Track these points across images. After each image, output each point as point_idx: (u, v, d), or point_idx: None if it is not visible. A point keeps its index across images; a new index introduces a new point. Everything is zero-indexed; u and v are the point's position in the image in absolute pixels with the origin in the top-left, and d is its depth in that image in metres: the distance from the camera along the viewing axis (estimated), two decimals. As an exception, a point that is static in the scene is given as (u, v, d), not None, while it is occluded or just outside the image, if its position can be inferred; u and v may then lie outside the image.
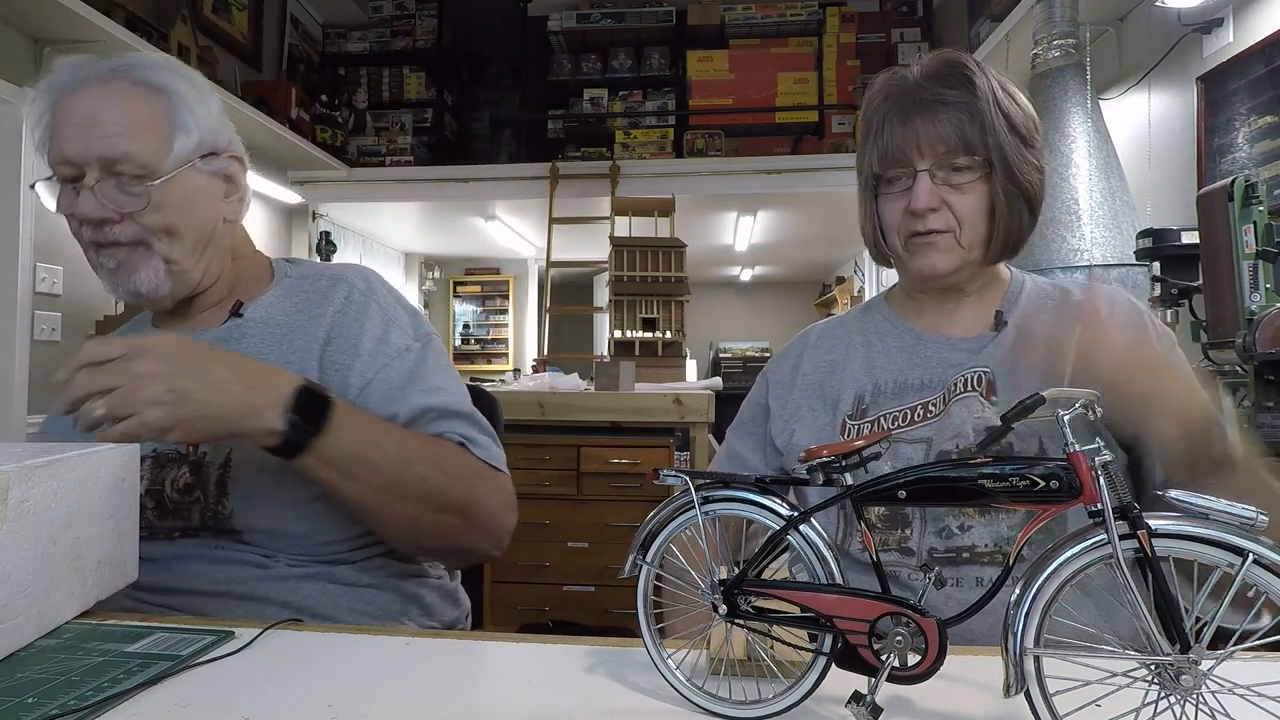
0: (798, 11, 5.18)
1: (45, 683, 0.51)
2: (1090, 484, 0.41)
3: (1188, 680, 0.39)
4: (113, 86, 0.83)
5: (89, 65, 0.85)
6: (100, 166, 0.81)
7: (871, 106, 0.85)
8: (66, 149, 0.81)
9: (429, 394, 0.88)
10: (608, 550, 2.30)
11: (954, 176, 0.81)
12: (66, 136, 0.81)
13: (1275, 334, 1.53)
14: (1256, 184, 1.69)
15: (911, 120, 0.81)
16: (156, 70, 0.86)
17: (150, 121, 0.84)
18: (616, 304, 3.69)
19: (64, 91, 0.83)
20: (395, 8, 5.54)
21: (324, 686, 0.53)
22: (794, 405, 0.93)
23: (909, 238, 0.84)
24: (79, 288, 3.18)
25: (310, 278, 0.96)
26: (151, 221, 0.83)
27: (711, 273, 8.05)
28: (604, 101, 5.35)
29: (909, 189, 0.82)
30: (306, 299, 0.93)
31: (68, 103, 0.83)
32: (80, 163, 0.81)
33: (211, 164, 0.89)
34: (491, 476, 0.87)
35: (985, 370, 0.83)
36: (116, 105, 0.82)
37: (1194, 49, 2.63)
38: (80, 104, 0.82)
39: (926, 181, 0.81)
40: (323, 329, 0.89)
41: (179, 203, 0.85)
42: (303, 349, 0.88)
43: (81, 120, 0.81)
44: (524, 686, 0.54)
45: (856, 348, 0.93)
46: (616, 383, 2.43)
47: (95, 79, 0.83)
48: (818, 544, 0.48)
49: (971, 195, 0.81)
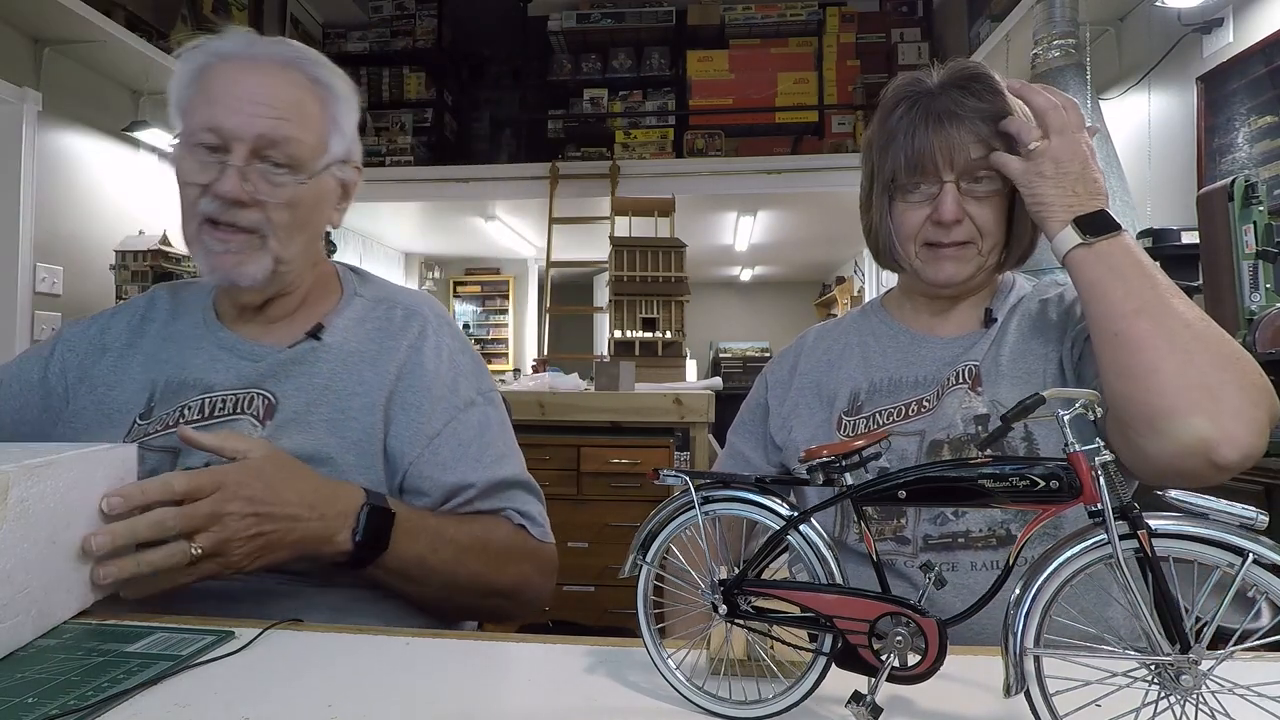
0: (798, 11, 5.18)
1: (45, 683, 0.51)
2: (1090, 484, 0.41)
3: (1188, 680, 0.39)
4: (290, 74, 0.82)
5: (265, 45, 0.83)
6: (253, 146, 0.79)
7: (894, 112, 0.84)
8: (224, 119, 0.78)
9: (499, 463, 0.88)
10: (608, 550, 2.30)
11: (976, 188, 0.81)
12: (228, 107, 0.78)
13: (1275, 334, 1.53)
14: (1256, 184, 1.69)
15: (940, 130, 0.80)
16: (326, 69, 0.86)
17: (317, 118, 0.83)
18: (616, 304, 3.69)
19: (236, 60, 0.81)
20: (395, 8, 5.54)
21: (324, 686, 0.53)
22: (791, 403, 0.95)
23: (926, 246, 0.84)
24: (79, 288, 3.18)
25: (384, 303, 0.95)
26: (281, 217, 0.82)
27: (711, 273, 8.06)
28: (604, 101, 5.35)
29: (931, 198, 0.82)
30: (380, 328, 0.91)
31: (235, 74, 0.80)
32: (234, 136, 0.78)
33: (343, 170, 0.89)
34: (540, 553, 0.89)
35: (974, 364, 0.85)
36: (290, 92, 0.81)
37: (1194, 49, 2.63)
38: (250, 79, 0.80)
39: (953, 192, 0.80)
40: (395, 364, 0.88)
41: (310, 204, 0.85)
42: (373, 380, 0.87)
43: (250, 96, 0.79)
44: (524, 686, 0.54)
45: (853, 347, 0.95)
46: (616, 383, 2.43)
47: (275, 61, 0.82)
48: (818, 544, 0.48)
49: (991, 206, 0.81)
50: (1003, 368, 0.83)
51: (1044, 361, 0.83)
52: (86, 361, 0.91)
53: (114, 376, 0.89)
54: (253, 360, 0.87)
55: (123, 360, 0.90)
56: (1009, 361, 0.84)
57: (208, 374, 0.86)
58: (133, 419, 0.85)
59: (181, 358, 0.88)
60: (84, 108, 3.23)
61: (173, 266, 3.25)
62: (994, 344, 0.86)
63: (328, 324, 0.89)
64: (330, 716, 0.48)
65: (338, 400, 0.85)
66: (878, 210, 0.87)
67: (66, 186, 3.16)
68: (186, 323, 0.92)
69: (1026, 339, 0.85)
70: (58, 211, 3.11)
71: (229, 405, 0.83)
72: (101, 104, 3.32)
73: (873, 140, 0.87)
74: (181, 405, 0.84)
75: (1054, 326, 0.85)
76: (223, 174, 0.78)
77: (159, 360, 0.88)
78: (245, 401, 0.83)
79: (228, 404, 0.83)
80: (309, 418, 0.83)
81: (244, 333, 0.90)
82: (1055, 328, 0.84)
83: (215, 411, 0.83)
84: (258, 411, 0.83)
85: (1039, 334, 0.85)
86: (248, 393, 0.84)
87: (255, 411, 0.83)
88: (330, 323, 0.90)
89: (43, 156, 3.01)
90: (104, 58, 3.15)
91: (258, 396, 0.83)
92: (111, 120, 3.35)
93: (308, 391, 0.85)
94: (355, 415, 0.85)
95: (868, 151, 0.89)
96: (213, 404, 0.83)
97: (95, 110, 3.29)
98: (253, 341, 0.88)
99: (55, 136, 3.10)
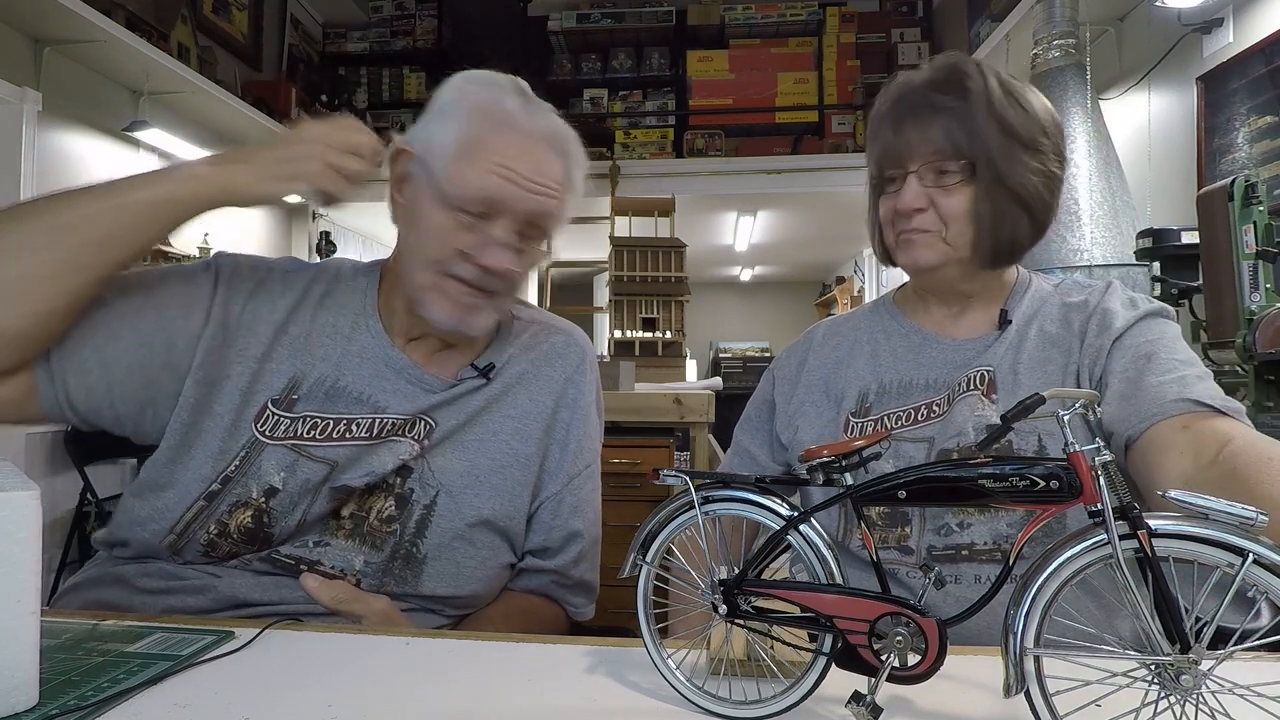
0: (798, 11, 5.18)
1: (45, 683, 0.51)
2: (1090, 484, 0.41)
3: (1188, 680, 0.38)
4: (556, 148, 0.80)
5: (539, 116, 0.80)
6: (522, 220, 0.78)
7: (877, 110, 0.88)
8: (501, 193, 0.76)
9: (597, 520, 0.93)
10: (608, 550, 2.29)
11: (942, 179, 0.82)
12: (507, 181, 0.76)
13: (1275, 334, 1.53)
14: (1256, 184, 1.70)
15: (905, 125, 0.83)
16: (574, 142, 0.84)
17: (567, 189, 0.82)
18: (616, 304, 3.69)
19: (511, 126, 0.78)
20: (395, 8, 5.54)
21: (324, 686, 0.53)
22: (798, 401, 0.94)
23: (898, 235, 0.86)
24: (79, 288, 3.17)
25: (539, 326, 0.95)
26: (521, 283, 0.83)
27: (711, 273, 8.06)
28: (604, 101, 5.35)
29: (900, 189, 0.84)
30: (542, 354, 0.92)
31: (516, 145, 0.77)
32: (507, 210, 0.77)
33: None
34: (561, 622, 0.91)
35: (988, 369, 0.83)
36: (557, 168, 0.80)
37: (1194, 49, 2.63)
38: (530, 153, 0.78)
39: (914, 183, 0.83)
40: (552, 395, 0.90)
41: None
42: (529, 408, 0.88)
43: (530, 172, 0.77)
44: (524, 686, 0.54)
45: (862, 345, 0.93)
46: (616, 383, 2.43)
47: (545, 137, 0.80)
48: (818, 544, 0.48)
49: (958, 197, 0.82)
50: (1020, 376, 0.82)
51: (1063, 373, 0.81)
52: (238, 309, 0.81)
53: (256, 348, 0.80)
54: (424, 389, 0.83)
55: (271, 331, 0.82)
56: (1027, 370, 0.82)
57: (376, 392, 0.81)
58: (265, 401, 0.79)
59: (339, 359, 0.82)
60: (84, 108, 3.23)
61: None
62: (1010, 349, 0.84)
63: (496, 361, 0.88)
64: (330, 716, 0.48)
65: (491, 422, 0.85)
66: (870, 205, 0.91)
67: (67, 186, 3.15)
68: (342, 317, 0.84)
69: (1046, 348, 0.83)
70: (58, 211, 3.10)
71: (396, 429, 0.81)
72: (101, 104, 3.31)
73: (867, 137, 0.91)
74: (346, 418, 0.80)
75: (1076, 337, 0.83)
76: (487, 246, 0.77)
77: (309, 350, 0.82)
78: (409, 425, 0.81)
79: (395, 428, 0.81)
80: (463, 438, 0.83)
81: (414, 356, 0.85)
82: (1077, 338, 0.83)
83: (382, 433, 0.80)
84: (419, 434, 0.81)
85: (1059, 344, 0.83)
86: (415, 418, 0.82)
87: (417, 434, 0.81)
88: (497, 358, 0.88)
89: (43, 156, 3.01)
90: (104, 58, 3.15)
91: (420, 422, 0.82)
92: (111, 120, 3.35)
93: (465, 414, 0.85)
94: (505, 439, 0.85)
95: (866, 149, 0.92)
96: (381, 425, 0.80)
97: (95, 110, 3.29)
98: (421, 368, 0.84)
99: (55, 136, 3.10)
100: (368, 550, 0.78)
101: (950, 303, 0.90)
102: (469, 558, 0.81)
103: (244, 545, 0.75)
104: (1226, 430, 0.68)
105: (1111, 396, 0.77)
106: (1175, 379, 0.74)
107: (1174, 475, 0.67)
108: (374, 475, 0.78)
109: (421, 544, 0.79)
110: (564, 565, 0.88)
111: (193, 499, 0.75)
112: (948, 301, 0.90)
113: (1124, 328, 0.80)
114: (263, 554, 0.76)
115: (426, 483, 0.81)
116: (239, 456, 0.76)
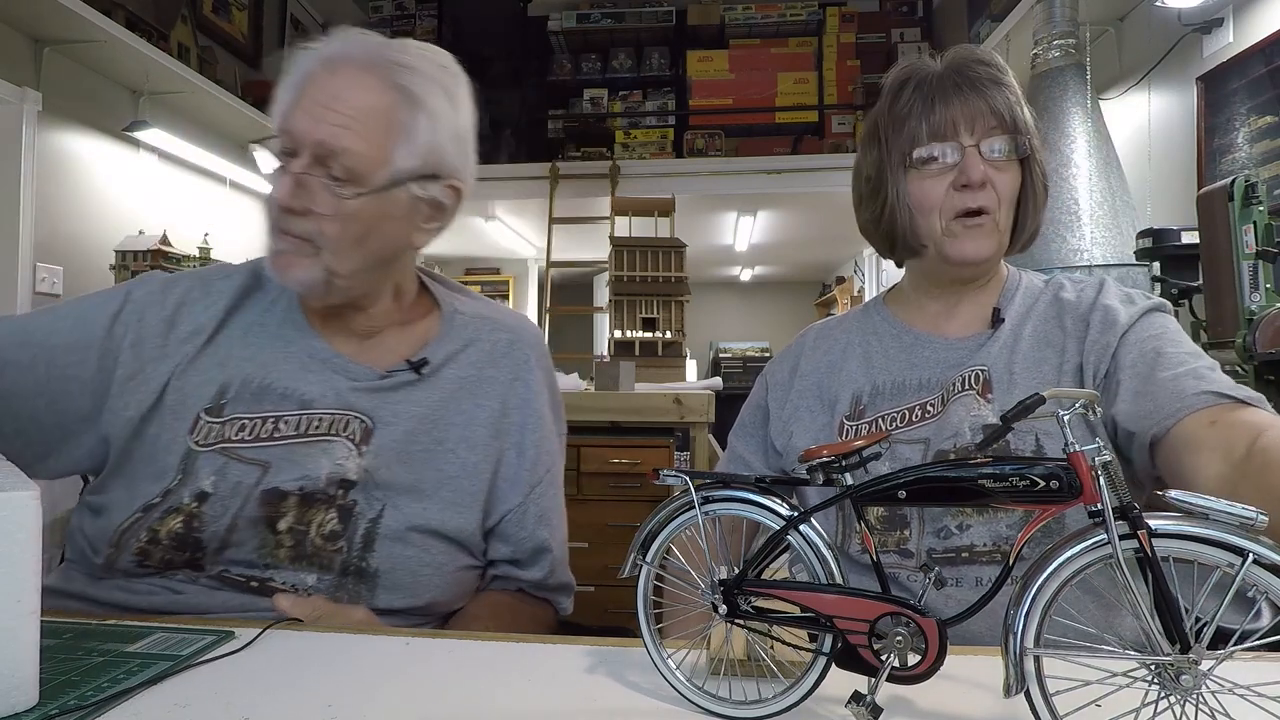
0: (798, 11, 5.18)
1: (45, 683, 0.51)
2: (1090, 484, 0.41)
3: (1188, 680, 0.38)
4: (365, 78, 0.76)
5: (359, 43, 0.78)
6: (313, 153, 0.74)
7: (903, 93, 0.84)
8: (293, 122, 0.75)
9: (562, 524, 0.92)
10: (608, 550, 2.29)
11: (994, 156, 0.81)
12: (302, 110, 0.75)
13: (1275, 334, 1.53)
14: (1256, 184, 1.69)
15: (957, 97, 0.81)
16: (417, 75, 0.78)
17: (382, 128, 0.76)
18: (616, 304, 3.69)
19: (323, 63, 0.77)
20: (395, 8, 5.55)
21: (324, 686, 0.53)
22: (792, 406, 0.93)
23: (956, 218, 0.82)
24: (79, 288, 3.17)
25: (486, 324, 0.91)
26: (331, 229, 0.76)
27: (711, 273, 8.05)
28: (604, 101, 5.35)
29: (951, 167, 0.81)
30: (484, 354, 0.89)
31: (321, 76, 0.76)
32: (298, 140, 0.74)
33: (425, 188, 0.80)
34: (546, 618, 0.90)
35: (983, 368, 0.82)
36: (358, 97, 0.75)
37: (1194, 49, 2.63)
38: (329, 83, 0.75)
39: (976, 155, 0.80)
40: (498, 398, 0.87)
41: (370, 221, 0.77)
42: (474, 413, 0.85)
43: (321, 100, 0.74)
44: (524, 686, 0.54)
45: (854, 348, 0.92)
46: (616, 383, 2.43)
47: (355, 63, 0.77)
48: (818, 544, 0.48)
49: (1009, 175, 0.82)
50: (1016, 375, 0.81)
51: (1058, 372, 0.80)
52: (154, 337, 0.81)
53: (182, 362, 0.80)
54: (349, 378, 0.82)
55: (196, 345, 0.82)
56: (1023, 370, 0.81)
57: (300, 386, 0.80)
58: (198, 412, 0.78)
59: (265, 357, 0.82)
60: (84, 108, 3.23)
61: (173, 266, 3.25)
62: (1005, 348, 0.83)
63: (431, 356, 0.85)
64: (330, 716, 0.48)
65: (436, 431, 0.83)
66: (893, 191, 0.84)
67: (66, 186, 3.16)
68: (269, 317, 0.85)
69: (1040, 347, 0.83)
70: (58, 211, 3.10)
71: (325, 425, 0.79)
72: (101, 104, 3.31)
73: (879, 124, 0.86)
74: (273, 416, 0.79)
75: (1072, 337, 0.82)
76: (280, 177, 0.75)
77: (236, 355, 0.82)
78: (342, 424, 0.79)
79: (324, 424, 0.79)
80: (409, 449, 0.81)
81: (338, 345, 0.84)
82: (1073, 338, 0.82)
83: (311, 430, 0.78)
84: (354, 435, 0.79)
85: (1053, 343, 0.83)
86: (344, 415, 0.80)
87: (352, 435, 0.79)
88: (433, 354, 0.86)
89: (43, 156, 3.01)
90: (104, 58, 3.14)
91: (354, 420, 0.80)
92: (111, 120, 3.34)
93: (406, 420, 0.82)
94: (452, 448, 0.83)
95: (872, 139, 0.87)
96: (309, 422, 0.79)
97: (95, 110, 3.29)
98: (347, 358, 0.83)
99: (55, 136, 3.10)
100: (319, 570, 0.76)
101: (947, 298, 0.89)
102: (424, 565, 0.79)
103: (175, 552, 0.73)
104: (1255, 421, 0.67)
105: (1125, 394, 0.76)
106: (1189, 372, 0.73)
107: (1210, 475, 0.66)
108: (308, 480, 0.76)
109: (371, 558, 0.77)
110: (539, 578, 0.88)
111: (131, 512, 0.74)
112: (945, 297, 0.89)
113: (1128, 323, 0.80)
114: (213, 572, 0.74)
115: (372, 495, 0.78)
116: (179, 470, 0.75)
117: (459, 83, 0.83)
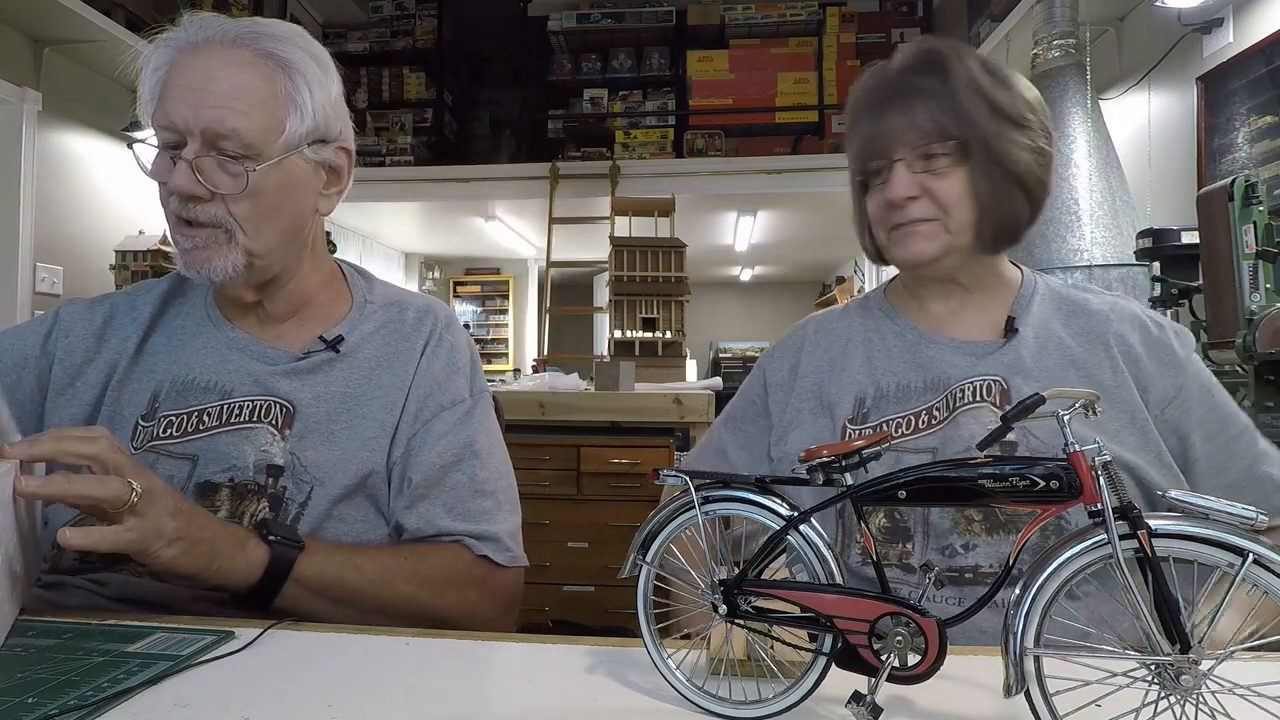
0: (798, 11, 5.18)
1: (45, 683, 0.51)
2: (1090, 484, 0.41)
3: (1188, 680, 0.38)
4: (235, 53, 0.76)
5: (216, 24, 0.78)
6: (203, 138, 0.74)
7: (853, 102, 0.85)
8: (173, 113, 0.74)
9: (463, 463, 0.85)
10: (608, 550, 2.30)
11: (932, 163, 0.80)
12: (176, 98, 0.75)
13: (1275, 334, 1.53)
14: (1256, 184, 1.69)
15: (886, 112, 0.81)
16: (284, 43, 0.79)
17: (266, 99, 0.76)
18: (616, 304, 3.69)
19: (185, 49, 0.77)
20: (395, 8, 5.54)
21: (324, 686, 0.53)
22: (794, 410, 0.90)
23: (891, 229, 0.83)
24: (79, 288, 3.17)
25: (396, 306, 0.93)
26: (242, 209, 0.77)
27: (711, 273, 8.05)
28: (604, 101, 5.35)
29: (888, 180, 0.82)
30: (397, 333, 0.90)
31: (186, 62, 0.76)
32: (184, 130, 0.74)
33: (319, 152, 0.82)
34: (490, 581, 0.83)
35: (997, 379, 0.80)
36: (234, 74, 0.75)
37: (1194, 49, 2.63)
38: (198, 66, 0.75)
39: (902, 171, 0.81)
40: (412, 365, 0.88)
41: (276, 191, 0.79)
42: (390, 383, 0.86)
43: (195, 84, 0.74)
44: (524, 686, 0.54)
45: (856, 346, 0.90)
46: (616, 383, 2.43)
47: (220, 41, 0.77)
48: (818, 544, 0.48)
49: (952, 179, 0.80)
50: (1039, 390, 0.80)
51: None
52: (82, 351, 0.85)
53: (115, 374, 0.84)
54: (266, 363, 0.84)
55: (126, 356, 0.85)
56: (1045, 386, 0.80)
57: (220, 376, 0.83)
58: (134, 421, 0.82)
59: (187, 355, 0.85)
60: (84, 108, 3.23)
61: (173, 266, 3.24)
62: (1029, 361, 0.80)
63: (346, 334, 0.87)
64: (330, 716, 0.48)
65: (358, 407, 0.84)
66: (855, 204, 0.89)
67: (66, 186, 3.16)
68: (190, 318, 0.88)
69: (1065, 368, 0.80)
70: (58, 211, 3.10)
71: (246, 413, 0.81)
72: (101, 104, 3.31)
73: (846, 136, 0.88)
74: (198, 409, 0.81)
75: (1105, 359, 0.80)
76: (175, 169, 0.75)
77: (163, 358, 0.85)
78: (263, 410, 0.81)
79: (244, 411, 0.81)
80: (332, 428, 0.82)
81: (254, 331, 0.87)
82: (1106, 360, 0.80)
83: (233, 419, 0.80)
84: (275, 420, 0.81)
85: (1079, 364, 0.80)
86: (265, 401, 0.82)
87: (273, 420, 0.81)
88: (348, 332, 0.88)
89: (43, 156, 3.01)
90: (104, 58, 3.14)
91: (275, 405, 0.82)
92: (111, 120, 3.35)
93: (327, 401, 0.83)
94: (373, 416, 0.84)
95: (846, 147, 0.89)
96: (230, 410, 0.81)
97: (95, 110, 3.29)
98: (264, 342, 0.86)
99: (55, 136, 3.10)
100: None
101: (949, 298, 0.87)
102: (344, 535, 0.80)
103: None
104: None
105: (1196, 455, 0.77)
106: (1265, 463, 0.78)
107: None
108: (237, 471, 0.78)
109: None
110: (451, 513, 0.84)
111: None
112: (946, 296, 0.87)
113: (1184, 364, 0.80)
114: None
115: (300, 479, 0.79)
116: None
117: (322, 50, 0.84)
